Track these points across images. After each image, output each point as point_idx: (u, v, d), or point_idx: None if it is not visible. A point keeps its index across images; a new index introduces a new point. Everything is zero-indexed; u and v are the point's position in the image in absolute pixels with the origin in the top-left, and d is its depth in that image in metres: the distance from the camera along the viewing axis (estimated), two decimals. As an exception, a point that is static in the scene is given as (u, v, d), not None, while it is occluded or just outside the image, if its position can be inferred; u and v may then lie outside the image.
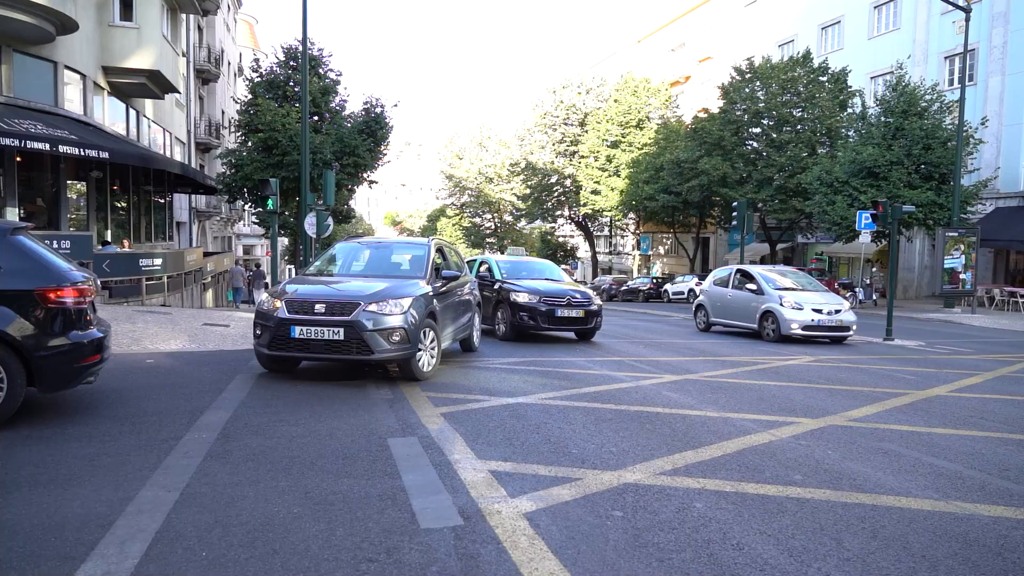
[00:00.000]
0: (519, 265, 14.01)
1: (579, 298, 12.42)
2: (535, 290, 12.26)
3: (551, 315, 11.98)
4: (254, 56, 30.03)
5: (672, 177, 33.31)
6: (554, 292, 12.35)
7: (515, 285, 12.45)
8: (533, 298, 12.03)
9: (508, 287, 12.45)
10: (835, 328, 13.70)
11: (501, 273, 13.11)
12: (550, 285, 12.76)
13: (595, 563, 3.25)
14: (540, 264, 14.80)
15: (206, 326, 12.78)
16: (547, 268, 14.35)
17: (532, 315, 11.95)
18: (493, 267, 13.38)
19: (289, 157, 23.56)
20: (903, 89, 24.35)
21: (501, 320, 12.53)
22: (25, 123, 15.82)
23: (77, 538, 3.34)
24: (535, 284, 12.62)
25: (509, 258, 15.10)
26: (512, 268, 13.58)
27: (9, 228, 5.50)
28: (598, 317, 12.62)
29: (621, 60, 53.28)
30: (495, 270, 13.22)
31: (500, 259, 14.03)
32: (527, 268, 13.91)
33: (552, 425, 5.94)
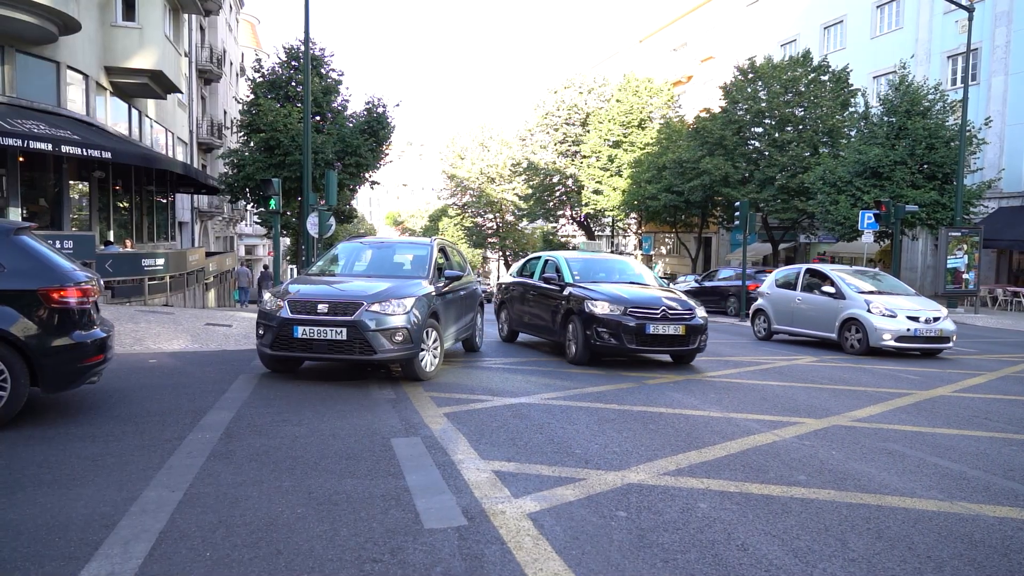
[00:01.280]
0: (594, 264, 11.16)
1: (678, 309, 9.33)
2: (618, 298, 9.32)
3: (641, 333, 9.01)
4: (256, 56, 30.09)
5: (674, 177, 33.27)
6: (643, 301, 9.36)
7: (591, 291, 9.57)
8: (616, 309, 9.14)
9: (581, 293, 9.59)
10: (934, 339, 11.74)
11: (572, 274, 10.35)
12: (637, 291, 9.78)
13: (599, 563, 3.25)
14: (620, 263, 11.59)
15: (209, 326, 12.78)
16: (628, 268, 11.33)
17: (615, 332, 9.04)
18: (562, 267, 10.62)
19: (291, 157, 23.58)
20: (906, 89, 24.31)
21: (572, 337, 9.67)
22: (28, 123, 15.85)
23: (81, 538, 3.34)
24: (617, 290, 9.66)
25: (581, 255, 11.89)
26: (585, 268, 10.76)
27: (12, 228, 5.50)
28: (702, 335, 9.46)
29: (623, 60, 53.26)
30: (564, 271, 10.49)
31: (570, 257, 11.23)
32: (605, 268, 11.04)
33: (555, 425, 5.94)
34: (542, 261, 11.47)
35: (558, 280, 10.38)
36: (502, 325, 12.50)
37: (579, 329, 9.37)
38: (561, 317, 9.93)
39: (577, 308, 9.48)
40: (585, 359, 9.44)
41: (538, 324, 10.90)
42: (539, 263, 11.50)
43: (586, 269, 10.77)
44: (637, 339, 9.04)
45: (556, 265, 10.87)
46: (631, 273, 11.04)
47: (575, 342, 9.54)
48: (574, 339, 9.56)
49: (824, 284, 13.08)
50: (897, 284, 13.55)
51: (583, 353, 9.40)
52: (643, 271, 11.33)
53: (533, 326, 11.16)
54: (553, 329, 10.24)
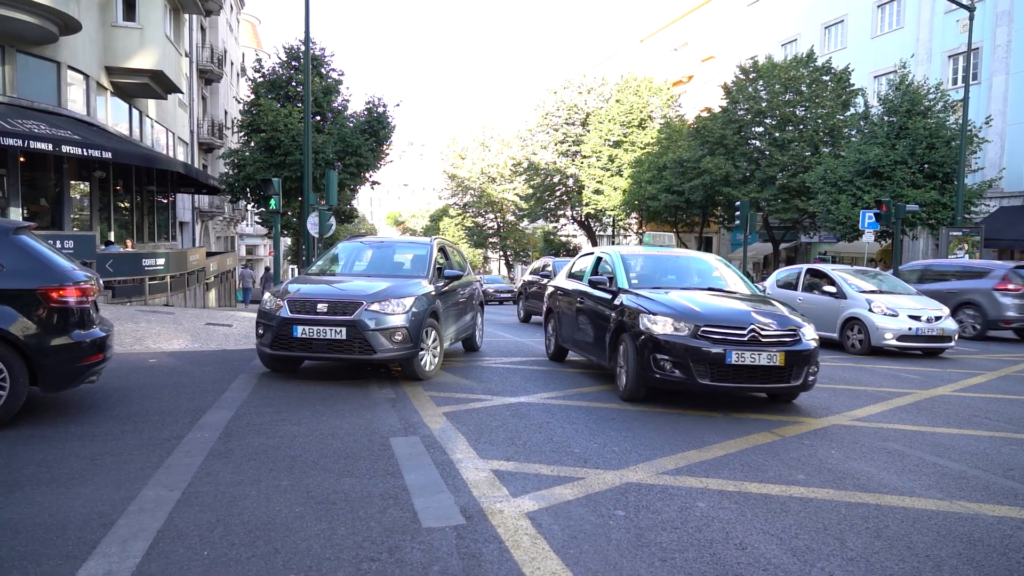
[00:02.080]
0: (659, 264, 8.65)
1: (773, 328, 6.60)
2: (685, 312, 6.71)
3: (718, 363, 6.37)
4: (256, 56, 30.09)
5: (675, 177, 33.27)
6: (723, 316, 6.71)
7: (649, 301, 7.02)
8: (682, 327, 6.56)
9: (636, 304, 7.06)
10: (935, 339, 11.62)
11: (628, 277, 7.86)
12: (714, 302, 7.12)
13: (597, 563, 3.24)
14: (696, 262, 8.85)
15: (209, 326, 12.79)
16: (706, 268, 8.62)
17: (681, 361, 6.46)
18: (616, 267, 8.10)
19: (291, 157, 23.59)
20: (906, 88, 24.30)
21: (622, 363, 7.13)
22: (28, 123, 15.86)
23: (79, 537, 3.34)
24: (685, 299, 7.01)
25: (643, 251, 9.07)
26: (647, 269, 8.37)
27: (12, 228, 5.51)
28: (810, 365, 6.65)
29: (624, 60, 53.24)
30: (618, 272, 7.96)
31: (628, 254, 8.59)
32: (674, 269, 8.56)
33: (554, 424, 5.93)
34: (594, 259, 9.13)
35: (609, 285, 7.91)
36: (549, 338, 10.11)
37: (631, 353, 6.83)
38: (610, 335, 7.41)
39: (630, 324, 6.96)
40: (638, 395, 6.92)
41: (585, 342, 8.46)
42: (590, 261, 9.25)
43: (648, 270, 8.33)
44: (713, 371, 6.38)
45: (609, 264, 8.42)
46: (710, 276, 8.40)
47: (626, 370, 7.01)
48: (625, 366, 7.06)
49: (825, 284, 13.03)
50: (898, 284, 13.50)
51: (635, 387, 6.84)
52: (726, 272, 8.56)
53: (580, 344, 8.70)
54: (601, 350, 7.75)
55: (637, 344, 6.78)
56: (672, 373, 6.56)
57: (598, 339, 7.90)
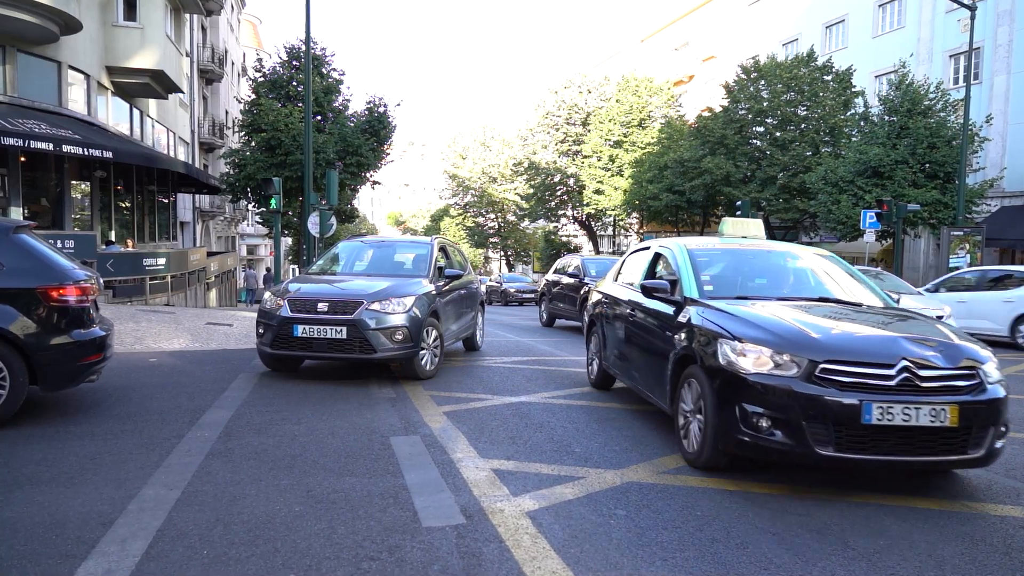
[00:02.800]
0: (744, 262, 6.18)
1: (936, 362, 4.27)
2: (792, 336, 4.44)
3: (851, 421, 4.06)
4: (257, 56, 30.10)
5: (675, 176, 33.25)
6: (854, 343, 4.39)
7: (730, 320, 4.77)
8: (787, 363, 4.28)
9: (711, 324, 4.84)
10: None
11: (698, 282, 5.53)
12: (836, 321, 4.79)
13: (598, 562, 3.23)
14: (796, 258, 6.28)
15: (209, 325, 12.78)
16: (811, 268, 6.12)
17: (786, 416, 4.17)
18: (682, 267, 5.77)
19: (292, 157, 23.59)
20: (907, 88, 24.28)
21: (690, 410, 4.90)
22: (29, 123, 15.87)
23: (78, 536, 3.33)
24: (790, 317, 4.73)
25: (723, 244, 6.43)
26: (729, 269, 6.02)
27: (12, 227, 5.50)
28: (997, 424, 4.29)
29: (624, 60, 53.21)
30: (685, 274, 5.66)
31: (697, 248, 6.09)
32: (766, 269, 6.12)
33: (555, 424, 5.92)
34: (650, 256, 6.60)
35: (671, 293, 5.57)
36: (591, 359, 7.80)
37: (707, 398, 4.55)
38: (672, 367, 5.13)
39: (703, 354, 4.71)
40: (716, 462, 4.61)
41: (636, 372, 6.17)
42: (644, 260, 6.71)
43: (729, 272, 5.94)
44: (840, 436, 4.07)
45: (671, 263, 6.01)
46: (818, 279, 5.92)
47: (697, 422, 4.72)
48: (694, 415, 4.77)
49: None
50: (899, 283, 13.42)
51: (712, 452, 4.55)
52: (840, 274, 6.01)
53: (630, 373, 6.36)
54: (657, 385, 5.51)
55: (715, 386, 4.49)
56: (771, 436, 4.17)
57: (654, 370, 5.57)
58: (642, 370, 6.03)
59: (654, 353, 5.68)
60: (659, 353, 5.50)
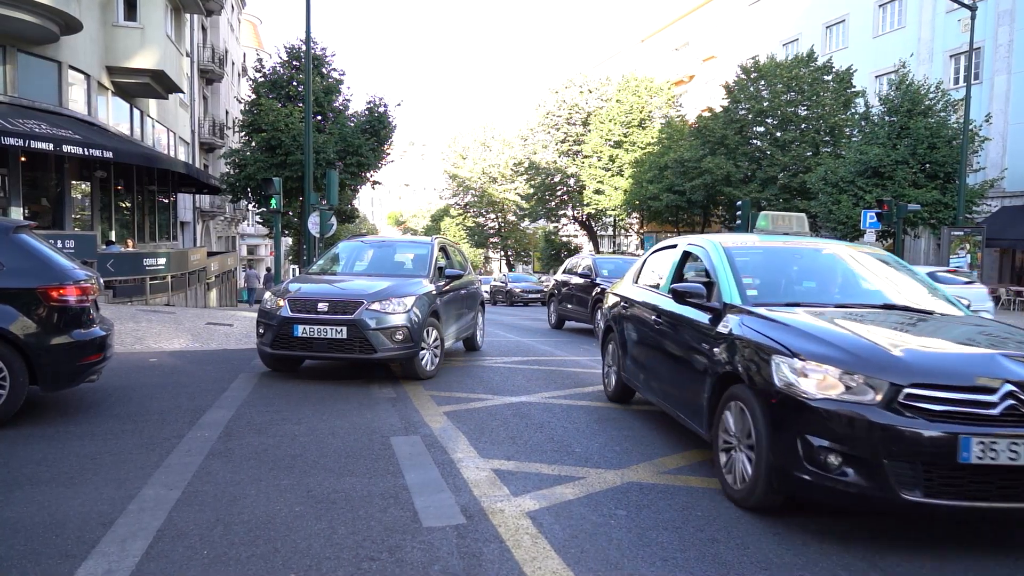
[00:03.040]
0: (789, 262, 5.41)
1: None
2: (866, 353, 3.63)
3: (944, 459, 3.30)
4: (258, 56, 30.11)
5: (676, 176, 33.26)
6: (945, 363, 3.61)
7: (785, 331, 3.99)
8: (861, 386, 3.48)
9: (761, 336, 4.05)
10: None
11: (740, 286, 4.73)
12: (916, 335, 4.05)
13: (598, 562, 3.23)
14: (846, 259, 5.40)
15: (209, 325, 12.78)
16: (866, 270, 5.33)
17: (861, 452, 3.38)
18: (719, 267, 4.98)
19: (292, 157, 23.59)
20: (907, 88, 24.28)
21: (735, 439, 4.08)
22: (29, 123, 15.87)
23: (78, 536, 3.33)
24: (858, 329, 3.95)
25: (762, 242, 5.54)
26: (773, 271, 5.27)
27: (12, 227, 5.50)
28: None
29: (625, 60, 53.22)
30: (723, 276, 4.87)
31: (735, 246, 5.25)
32: (814, 270, 5.36)
33: (555, 424, 5.92)
34: (677, 255, 5.80)
35: (707, 298, 4.79)
36: (608, 370, 7.10)
37: (759, 426, 3.82)
38: (710, 387, 4.41)
39: (751, 372, 3.99)
40: (772, 503, 3.88)
41: (664, 388, 5.40)
42: (671, 259, 5.90)
43: (773, 274, 5.17)
44: (930, 477, 3.35)
45: (705, 263, 5.19)
46: (874, 283, 5.15)
47: (744, 454, 3.99)
48: (740, 445, 4.04)
49: None
50: None
51: (767, 491, 3.80)
52: (902, 276, 5.22)
53: (656, 389, 5.59)
54: (691, 407, 4.77)
55: (768, 412, 3.74)
56: (841, 475, 3.42)
57: (686, 388, 4.86)
58: (671, 387, 5.26)
59: (686, 368, 4.90)
60: (693, 368, 4.75)
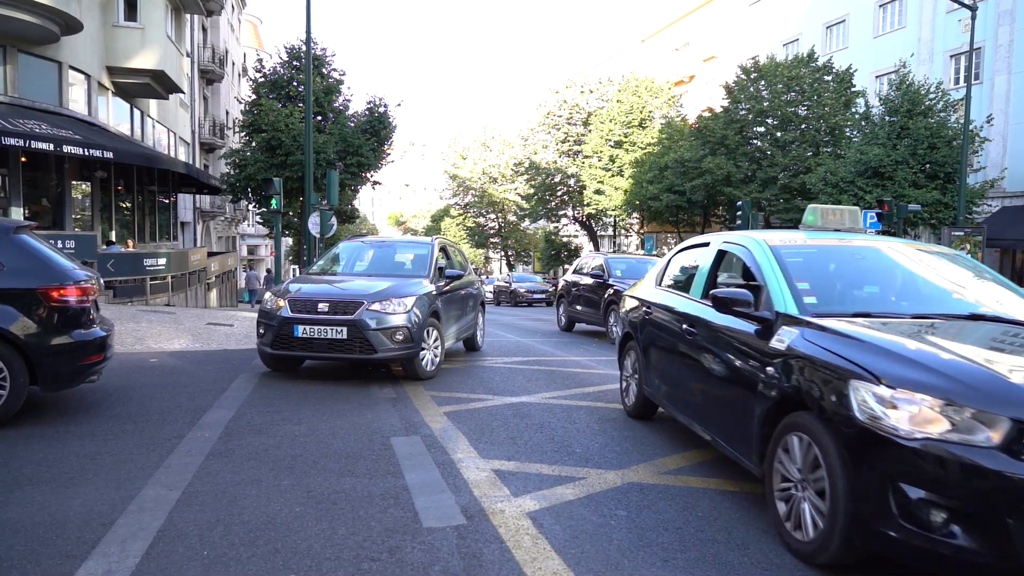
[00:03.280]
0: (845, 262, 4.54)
1: None
2: (974, 379, 2.85)
3: None
4: (258, 56, 30.10)
5: (676, 176, 33.25)
6: None
7: (862, 349, 3.19)
8: (970, 423, 2.71)
9: (833, 357, 3.26)
10: None
11: (790, 293, 3.92)
12: (1012, 352, 3.29)
13: (599, 563, 3.23)
14: (914, 260, 4.57)
15: (210, 325, 12.78)
16: (934, 271, 4.51)
17: (973, 508, 2.66)
18: (766, 269, 4.18)
19: (293, 157, 23.59)
20: (907, 88, 24.27)
21: (798, 476, 3.35)
22: (29, 123, 15.87)
23: (78, 536, 3.33)
24: (955, 349, 3.11)
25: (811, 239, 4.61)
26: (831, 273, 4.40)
27: (12, 227, 5.50)
28: None
29: (625, 60, 53.20)
30: (773, 279, 4.08)
31: (787, 244, 4.43)
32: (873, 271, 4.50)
33: (556, 424, 5.92)
34: (711, 255, 5.03)
35: (755, 306, 4.05)
36: (627, 382, 6.35)
37: (832, 467, 3.08)
38: (762, 413, 3.73)
39: (819, 397, 3.27)
40: (850, 559, 3.16)
41: (702, 410, 4.65)
42: (705, 259, 5.13)
43: (830, 276, 4.38)
44: None
45: (750, 264, 4.44)
46: (951, 288, 4.42)
47: (810, 498, 3.29)
48: (805, 488, 3.33)
49: None
50: None
51: (844, 546, 3.06)
52: (982, 281, 4.53)
53: (689, 408, 4.86)
54: (737, 434, 4.08)
55: (845, 450, 3.02)
56: (949, 536, 2.72)
57: (728, 413, 4.17)
58: (708, 409, 4.52)
59: (728, 388, 4.19)
60: (737, 389, 4.03)
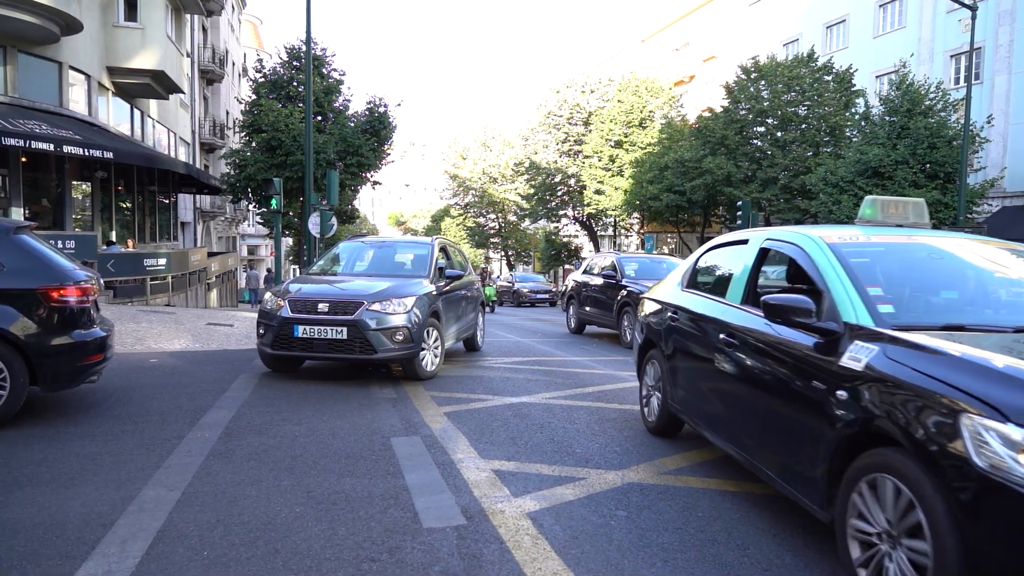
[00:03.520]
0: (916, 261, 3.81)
1: None
2: None
3: None
4: (258, 56, 30.10)
5: (676, 176, 33.25)
6: None
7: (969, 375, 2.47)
8: None
9: (930, 383, 2.55)
10: None
11: (861, 301, 3.23)
12: None
13: (599, 563, 3.23)
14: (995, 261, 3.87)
15: (210, 326, 12.78)
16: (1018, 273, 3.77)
17: None
18: (828, 276, 3.45)
19: (293, 157, 23.59)
20: (907, 88, 24.27)
21: (881, 526, 2.67)
22: (30, 123, 15.87)
23: (78, 537, 3.33)
24: None
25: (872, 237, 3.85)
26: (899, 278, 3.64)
27: (12, 227, 5.50)
28: None
29: (625, 59, 53.20)
30: (837, 288, 3.36)
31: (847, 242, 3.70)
32: (952, 276, 3.80)
33: (556, 424, 5.91)
34: (750, 253, 4.38)
35: (815, 315, 3.32)
36: (649, 392, 5.64)
37: (942, 527, 2.36)
38: (832, 449, 3.03)
39: (909, 429, 2.57)
40: None
41: (744, 436, 3.98)
42: (743, 258, 4.47)
43: (903, 280, 3.66)
44: None
45: (803, 265, 3.77)
46: None
47: (906, 557, 2.53)
48: (894, 542, 2.61)
49: None
50: None
51: None
52: None
53: (731, 434, 4.18)
54: (796, 471, 3.39)
55: (962, 506, 2.33)
56: None
57: (785, 445, 3.50)
58: (754, 435, 3.77)
59: (783, 413, 3.47)
60: (795, 415, 3.35)
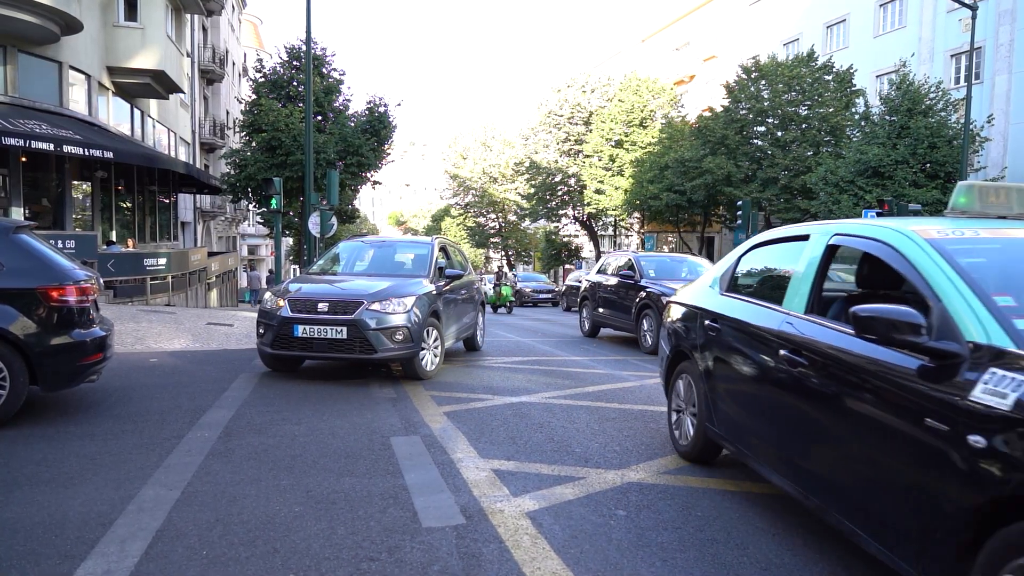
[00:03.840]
0: None
1: None
2: None
3: None
4: (258, 56, 30.11)
5: (676, 176, 33.25)
6: None
7: None
8: None
9: None
10: None
11: (988, 312, 2.44)
12: None
13: (598, 563, 3.23)
14: None
15: (210, 325, 12.78)
16: None
17: None
18: (936, 282, 2.67)
19: (293, 157, 23.60)
20: (907, 88, 24.26)
21: None
22: (30, 123, 15.88)
23: (78, 536, 3.33)
24: None
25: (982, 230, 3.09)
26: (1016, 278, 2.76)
27: (12, 227, 5.50)
28: None
29: (626, 59, 53.19)
30: (951, 298, 2.57)
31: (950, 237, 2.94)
32: None
33: (555, 424, 5.92)
34: (817, 252, 3.60)
35: (924, 332, 2.53)
36: (680, 412, 4.98)
37: None
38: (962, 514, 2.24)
39: None
40: None
41: (819, 481, 3.21)
42: (800, 258, 3.74)
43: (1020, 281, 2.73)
44: None
45: (894, 264, 2.99)
46: None
47: None
48: None
49: None
50: None
51: None
52: None
53: (799, 475, 3.38)
54: (905, 533, 2.56)
55: None
56: None
57: (888, 502, 2.68)
58: (836, 479, 3.10)
59: (882, 458, 2.76)
60: (899, 463, 2.64)
